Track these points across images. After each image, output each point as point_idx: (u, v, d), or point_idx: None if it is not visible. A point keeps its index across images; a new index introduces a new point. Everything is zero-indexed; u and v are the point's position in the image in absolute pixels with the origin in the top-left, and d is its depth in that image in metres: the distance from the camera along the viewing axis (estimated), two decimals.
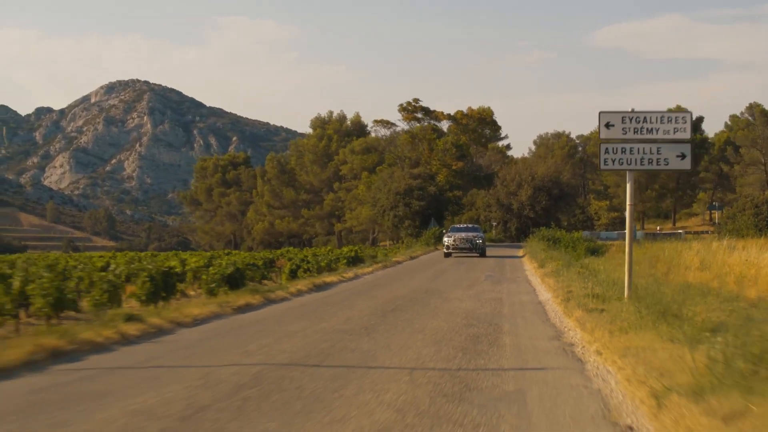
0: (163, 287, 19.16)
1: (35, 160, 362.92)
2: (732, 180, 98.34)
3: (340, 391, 7.91)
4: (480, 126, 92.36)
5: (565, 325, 13.39)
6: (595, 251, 48.34)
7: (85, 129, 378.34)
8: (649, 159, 15.56)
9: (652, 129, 15.67)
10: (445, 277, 28.15)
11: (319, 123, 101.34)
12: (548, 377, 8.72)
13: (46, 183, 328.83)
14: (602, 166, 15.91)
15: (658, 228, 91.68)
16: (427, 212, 64.11)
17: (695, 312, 11.81)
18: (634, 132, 15.63)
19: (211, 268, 23.09)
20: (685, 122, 15.72)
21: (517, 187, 76.40)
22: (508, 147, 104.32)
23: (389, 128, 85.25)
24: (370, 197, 72.24)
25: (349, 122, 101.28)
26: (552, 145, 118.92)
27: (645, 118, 15.69)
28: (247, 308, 16.50)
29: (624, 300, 14.59)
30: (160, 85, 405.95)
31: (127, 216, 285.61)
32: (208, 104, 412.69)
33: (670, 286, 18.71)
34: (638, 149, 15.51)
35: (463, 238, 45.64)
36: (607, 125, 15.73)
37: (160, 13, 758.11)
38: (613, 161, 15.64)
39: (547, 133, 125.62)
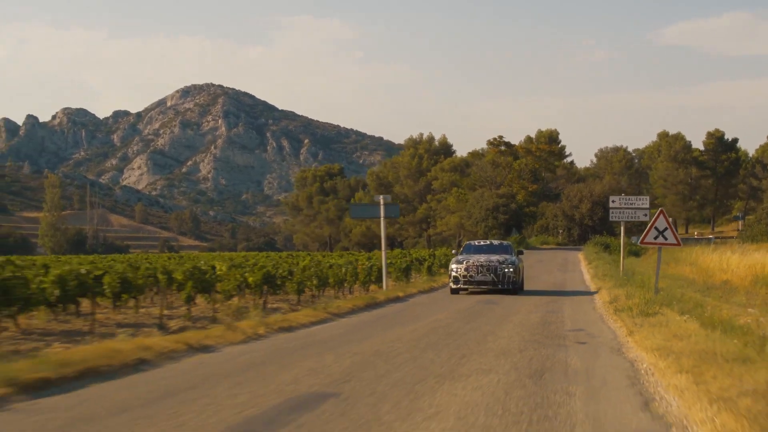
0: (378, 276, 35.91)
1: (114, 162, 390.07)
2: (760, 192, 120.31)
3: (493, 332, 30.32)
4: (549, 144, 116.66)
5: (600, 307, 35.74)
6: (636, 253, 71.00)
7: (161, 132, 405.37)
8: (629, 214, 38.32)
9: (632, 201, 38.50)
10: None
11: (412, 143, 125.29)
12: (592, 330, 25.06)
13: (124, 184, 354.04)
14: (610, 218, 38.71)
15: (696, 233, 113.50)
16: (509, 223, 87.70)
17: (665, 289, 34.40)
18: (622, 203, 38.44)
19: (390, 262, 45.00)
20: (646, 203, 38.41)
21: (579, 201, 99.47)
22: (572, 163, 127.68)
23: (478, 156, 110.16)
24: (465, 211, 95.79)
25: (437, 142, 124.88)
26: (611, 158, 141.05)
27: (629, 199, 38.57)
28: (431, 290, 34.24)
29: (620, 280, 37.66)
30: (233, 89, 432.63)
31: (210, 217, 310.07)
32: (280, 107, 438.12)
33: (669, 278, 40.59)
34: (626, 211, 38.27)
35: (482, 265, 29.32)
36: (611, 201, 38.61)
37: (223, 13, 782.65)
38: (616, 214, 38.30)
39: (607, 147, 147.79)
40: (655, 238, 24.17)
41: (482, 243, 33.59)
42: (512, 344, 14.61)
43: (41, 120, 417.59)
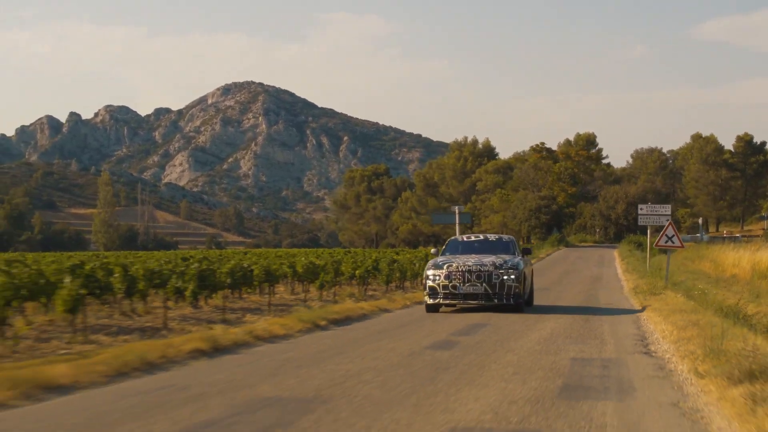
0: None
1: (155, 158, 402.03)
2: None
3: (545, 314, 39.60)
4: (587, 147, 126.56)
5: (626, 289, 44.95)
6: (665, 251, 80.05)
7: (202, 129, 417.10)
8: (654, 219, 47.41)
9: (656, 209, 47.65)
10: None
11: (457, 146, 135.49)
12: (619, 304, 40.05)
13: (165, 181, 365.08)
14: (639, 222, 47.89)
15: (725, 232, 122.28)
16: (551, 223, 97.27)
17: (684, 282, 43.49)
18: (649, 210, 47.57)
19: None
20: (668, 210, 47.59)
21: (615, 202, 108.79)
22: (609, 165, 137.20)
23: (521, 160, 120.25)
24: (510, 211, 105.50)
25: (480, 145, 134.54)
26: (646, 159, 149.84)
27: (654, 207, 47.78)
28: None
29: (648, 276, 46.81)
30: (273, 87, 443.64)
31: (253, 213, 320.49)
32: (319, 105, 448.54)
33: (689, 272, 49.99)
34: (652, 217, 47.41)
35: (471, 271, 21.64)
36: (639, 208, 47.77)
37: (260, 9, 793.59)
38: (644, 219, 47.39)
39: (642, 148, 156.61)
40: (666, 242, 33.06)
41: (473, 238, 25.03)
42: None
43: (84, 117, 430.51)
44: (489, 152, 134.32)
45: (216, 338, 14.34)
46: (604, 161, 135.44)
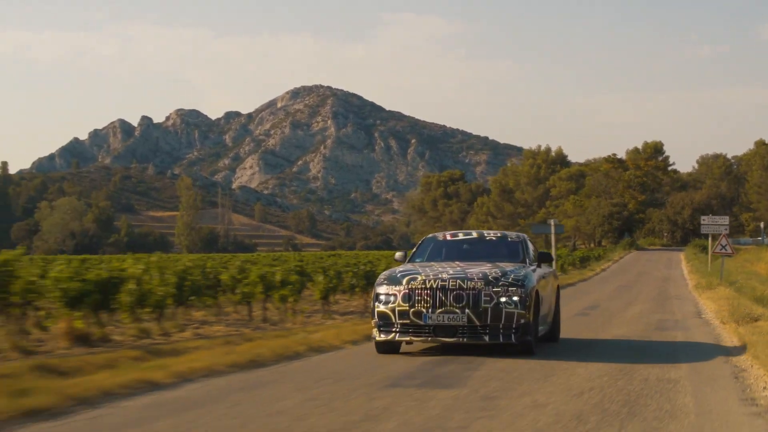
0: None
1: (226, 161, 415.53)
2: None
3: (630, 299, 50.10)
4: (654, 156, 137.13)
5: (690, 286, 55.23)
6: (729, 255, 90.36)
7: (272, 132, 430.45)
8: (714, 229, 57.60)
9: (716, 220, 57.89)
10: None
11: (531, 154, 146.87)
12: (684, 296, 50.62)
13: (236, 184, 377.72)
14: (701, 231, 58.09)
15: None
16: (622, 228, 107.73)
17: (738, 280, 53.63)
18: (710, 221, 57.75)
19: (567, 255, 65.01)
20: (726, 221, 57.75)
21: (681, 208, 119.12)
22: (675, 171, 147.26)
23: (594, 169, 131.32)
24: (584, 216, 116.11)
25: (553, 153, 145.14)
26: (711, 164, 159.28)
27: (714, 218, 58.02)
28: (583, 279, 58.25)
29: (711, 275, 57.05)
30: (342, 90, 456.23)
31: (325, 216, 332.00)
32: (387, 108, 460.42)
33: (745, 273, 60.15)
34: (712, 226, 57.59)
35: (446, 288, 13.40)
36: (702, 219, 57.92)
37: (326, 10, 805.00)
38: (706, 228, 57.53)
39: (708, 154, 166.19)
40: (720, 249, 43.30)
41: (461, 237, 16.84)
42: None
43: (155, 121, 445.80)
44: (561, 160, 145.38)
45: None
46: (671, 167, 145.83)
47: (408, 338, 13.62)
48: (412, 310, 13.37)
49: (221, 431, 8.26)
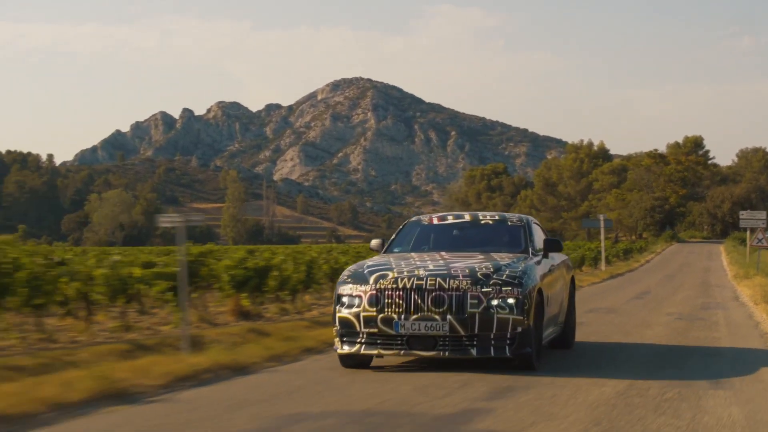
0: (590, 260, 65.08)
1: (267, 153, 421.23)
2: None
3: (678, 286, 54.52)
4: (694, 151, 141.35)
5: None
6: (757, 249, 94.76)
7: (312, 124, 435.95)
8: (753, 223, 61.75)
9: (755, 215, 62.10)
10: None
11: (573, 148, 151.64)
12: (724, 284, 54.99)
13: (276, 176, 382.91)
14: (740, 225, 62.36)
15: None
16: (664, 221, 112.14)
17: None
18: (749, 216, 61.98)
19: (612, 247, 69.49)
20: (764, 215, 62.03)
21: (721, 202, 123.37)
22: (715, 165, 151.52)
23: (636, 164, 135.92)
24: (626, 210, 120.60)
25: (595, 147, 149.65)
26: (750, 158, 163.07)
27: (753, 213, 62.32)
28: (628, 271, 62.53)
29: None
30: (382, 83, 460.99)
31: (367, 207, 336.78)
32: (427, 100, 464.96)
33: None
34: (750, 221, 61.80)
35: (422, 289, 10.91)
36: (741, 214, 62.23)
37: (364, 2, 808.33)
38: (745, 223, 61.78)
39: (747, 148, 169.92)
40: (757, 242, 47.51)
41: (451, 220, 14.06)
42: None
43: (196, 113, 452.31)
44: (604, 154, 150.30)
45: None
46: (711, 161, 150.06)
47: (376, 351, 11.06)
48: (380, 316, 10.84)
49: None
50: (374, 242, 13.64)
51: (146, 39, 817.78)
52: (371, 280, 11.12)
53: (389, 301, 10.87)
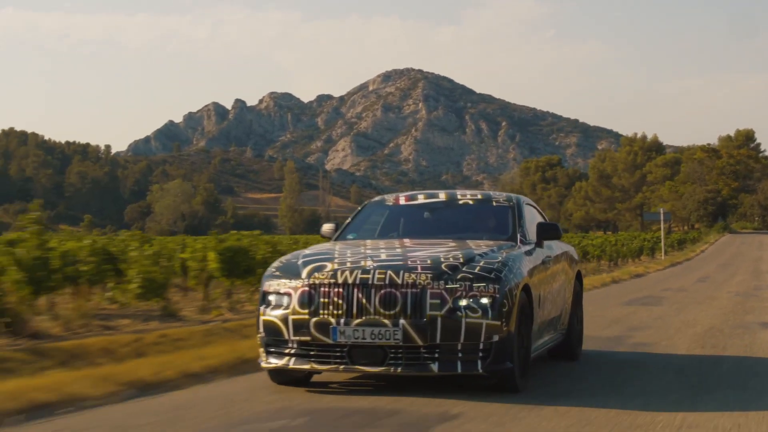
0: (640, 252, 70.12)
1: (318, 144, 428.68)
2: None
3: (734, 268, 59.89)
4: (746, 144, 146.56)
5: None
6: None
7: (363, 115, 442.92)
8: None
9: None
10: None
11: (627, 141, 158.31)
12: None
13: (328, 166, 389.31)
14: None
15: None
16: (716, 213, 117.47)
17: None
18: None
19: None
20: None
21: None
22: (766, 158, 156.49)
23: (689, 158, 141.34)
24: (680, 202, 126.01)
25: (649, 140, 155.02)
26: None
27: None
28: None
29: None
30: (432, 73, 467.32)
31: None
32: (478, 91, 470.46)
33: None
34: None
35: (367, 282, 8.21)
36: None
37: None
38: None
39: None
40: None
41: (422, 200, 11.09)
42: None
43: (249, 104, 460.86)
44: (657, 147, 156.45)
45: None
46: (762, 154, 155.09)
47: (308, 366, 8.43)
48: (314, 319, 8.31)
49: None
50: (326, 227, 10.72)
51: (197, 30, 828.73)
52: (304, 273, 8.51)
53: (325, 300, 8.27)
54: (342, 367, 8.26)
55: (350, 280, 8.22)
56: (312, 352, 8.35)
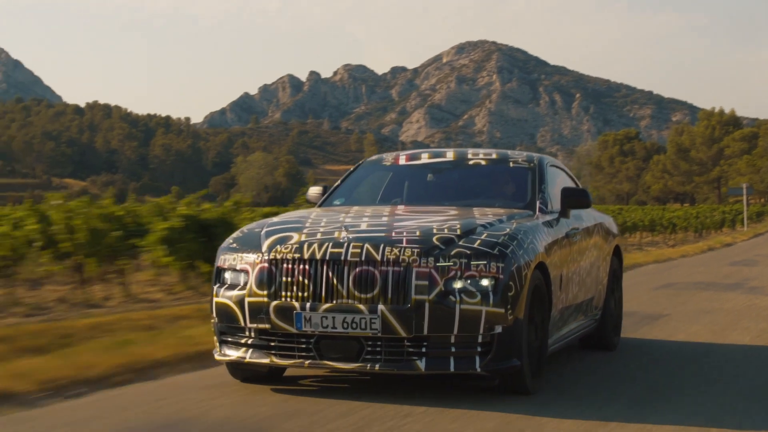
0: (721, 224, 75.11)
1: (393, 116, 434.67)
2: None
3: None
4: None
5: None
6: None
7: (437, 87, 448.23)
8: None
9: None
10: None
11: (705, 115, 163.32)
12: None
13: (402, 138, 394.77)
14: None
15: None
16: None
17: None
18: None
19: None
20: None
21: None
22: None
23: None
24: (758, 175, 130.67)
25: (726, 114, 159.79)
26: None
27: None
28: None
29: None
30: (506, 45, 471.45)
31: None
32: (552, 62, 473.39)
33: None
34: None
35: (338, 258, 6.56)
36: None
37: None
38: None
39: None
40: None
41: (427, 159, 9.20)
42: None
43: (323, 76, 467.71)
44: (735, 121, 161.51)
45: None
46: None
47: (268, 360, 6.83)
48: (274, 303, 6.69)
49: None
50: (312, 190, 9.18)
51: (270, 1, 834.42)
52: (265, 245, 6.92)
53: (288, 279, 6.69)
54: (307, 362, 6.66)
55: (318, 255, 6.62)
56: (272, 343, 6.77)
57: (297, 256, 6.65)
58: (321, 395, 6.95)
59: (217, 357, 7.12)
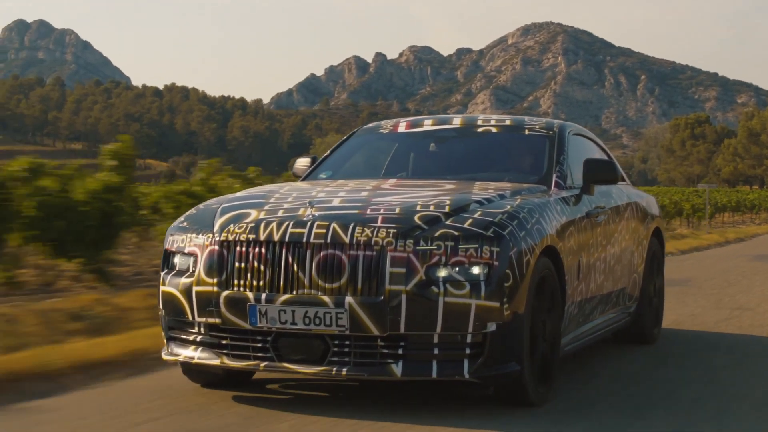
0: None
1: (458, 97, 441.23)
2: None
3: None
4: None
5: None
6: None
7: (503, 68, 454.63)
8: None
9: None
10: None
11: None
12: None
13: None
14: None
15: None
16: None
17: None
18: None
19: None
20: None
21: None
22: None
23: None
24: None
25: None
26: None
27: None
28: None
29: None
30: (572, 27, 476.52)
31: None
32: (617, 44, 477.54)
33: None
34: None
35: (300, 240, 5.29)
36: None
37: None
38: None
39: None
40: None
41: (430, 126, 7.58)
42: None
43: (389, 57, 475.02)
44: None
45: None
46: None
47: (218, 361, 5.58)
48: (225, 293, 5.46)
49: None
50: (299, 162, 7.79)
51: None
52: (217, 225, 5.68)
53: (241, 265, 5.45)
54: (263, 364, 5.42)
55: (276, 237, 5.37)
56: (224, 341, 5.54)
57: (252, 237, 5.42)
58: (292, 405, 5.70)
59: (164, 356, 5.86)
